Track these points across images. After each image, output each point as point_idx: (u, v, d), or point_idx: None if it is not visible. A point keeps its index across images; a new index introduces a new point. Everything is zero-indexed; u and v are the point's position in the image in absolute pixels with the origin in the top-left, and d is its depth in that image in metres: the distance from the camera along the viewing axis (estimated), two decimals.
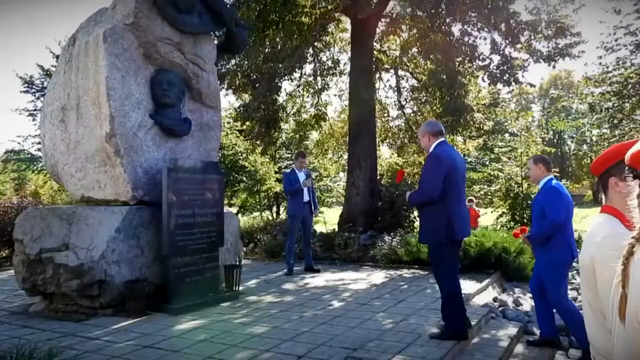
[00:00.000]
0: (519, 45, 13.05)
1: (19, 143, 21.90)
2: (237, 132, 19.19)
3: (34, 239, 5.68)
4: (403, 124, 18.85)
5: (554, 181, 4.84)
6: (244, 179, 19.59)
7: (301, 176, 8.51)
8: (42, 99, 19.88)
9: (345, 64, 17.14)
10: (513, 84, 13.36)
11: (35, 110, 21.23)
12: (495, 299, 6.79)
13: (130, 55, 5.99)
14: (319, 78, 17.10)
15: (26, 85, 21.35)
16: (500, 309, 6.32)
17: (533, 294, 5.09)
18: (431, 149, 4.59)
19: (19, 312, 5.84)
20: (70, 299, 5.52)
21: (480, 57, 13.30)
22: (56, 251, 5.50)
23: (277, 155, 24.91)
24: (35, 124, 20.83)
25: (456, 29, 13.31)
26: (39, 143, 19.98)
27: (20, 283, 5.74)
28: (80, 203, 6.35)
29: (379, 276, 8.10)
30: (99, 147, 5.90)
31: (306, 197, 8.54)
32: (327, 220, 17.91)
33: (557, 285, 4.67)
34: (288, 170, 9.19)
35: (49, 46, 47.79)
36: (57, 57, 18.60)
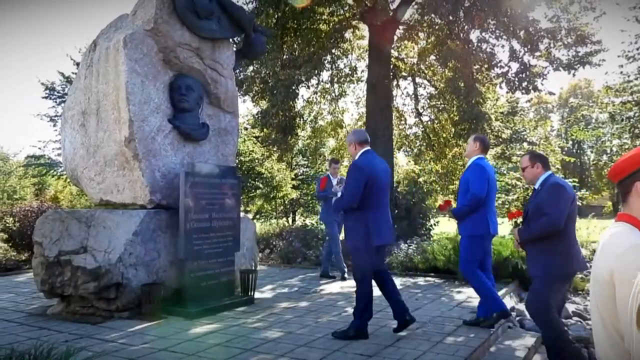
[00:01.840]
0: (538, 53, 12.93)
1: (39, 148, 22.26)
2: (254, 139, 19.28)
3: (53, 242, 5.75)
4: (420, 132, 18.78)
5: (483, 160, 5.21)
6: (260, 185, 19.65)
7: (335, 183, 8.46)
8: (62, 104, 20.21)
9: (362, 71, 17.16)
10: (532, 91, 13.23)
11: (55, 115, 21.53)
12: (512, 309, 6.68)
13: (149, 61, 6.06)
14: (336, 85, 17.15)
15: (47, 91, 21.66)
16: (517, 318, 6.23)
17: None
18: (356, 158, 4.91)
19: (37, 314, 5.90)
20: (88, 301, 5.57)
21: (499, 65, 13.20)
22: (74, 254, 5.56)
23: (294, 162, 24.97)
24: (55, 130, 21.09)
25: (474, 36, 13.26)
26: (59, 148, 20.28)
27: (39, 285, 5.80)
28: (99, 206, 6.42)
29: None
30: (118, 151, 5.97)
31: None
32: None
33: (471, 254, 5.10)
34: (322, 176, 9.19)
35: (69, 53, 48.47)
36: (78, 64, 18.88)
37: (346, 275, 8.47)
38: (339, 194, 8.33)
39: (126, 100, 5.78)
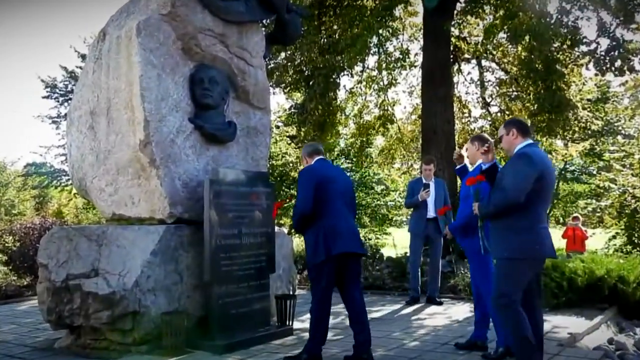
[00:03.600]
0: (634, 26, 12.59)
1: (40, 155, 22.99)
2: (288, 139, 19.39)
3: (60, 264, 5.91)
4: (488, 125, 18.53)
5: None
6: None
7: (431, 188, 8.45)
8: (66, 104, 20.87)
9: (416, 54, 17.10)
10: (627, 73, 12.88)
11: (58, 117, 22.20)
12: (610, 341, 6.51)
13: (166, 50, 6.19)
14: (384, 72, 17.11)
15: (48, 89, 22.35)
16: (617, 352, 6.06)
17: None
18: None
19: (43, 348, 6.09)
20: (100, 333, 5.69)
21: (584, 41, 12.92)
22: (85, 277, 5.69)
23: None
24: (58, 133, 21.76)
25: (552, 6, 13.01)
26: (63, 154, 20.93)
27: (45, 314, 5.96)
28: (111, 222, 6.57)
29: (461, 310, 7.95)
30: (132, 157, 6.11)
31: (431, 213, 8.47)
32: (397, 242, 17.77)
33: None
34: (413, 179, 9.24)
35: (73, 45, 50.00)
36: (83, 56, 19.45)
37: (416, 301, 8.54)
38: (431, 204, 8.41)
39: (140, 97, 5.90)
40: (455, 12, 14.69)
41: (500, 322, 4.41)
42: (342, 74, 15.28)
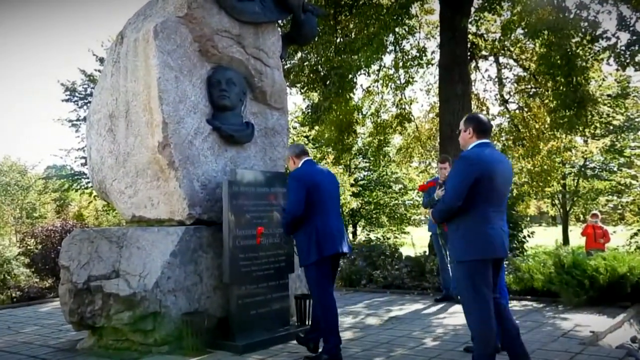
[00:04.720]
0: None
1: (61, 157, 23.21)
2: (305, 139, 19.44)
3: (82, 265, 5.99)
4: (506, 123, 18.41)
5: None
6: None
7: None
8: (85, 107, 21.04)
9: (433, 52, 16.99)
10: None
11: (78, 120, 22.39)
12: (633, 339, 6.43)
13: (184, 52, 6.23)
14: (401, 70, 17.04)
15: (68, 92, 22.54)
16: None
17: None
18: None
19: (66, 348, 6.18)
20: (122, 333, 5.77)
21: (604, 36, 12.78)
22: (105, 279, 5.77)
23: (353, 165, 25.03)
24: (78, 136, 21.93)
25: (571, 1, 12.89)
26: (83, 157, 21.13)
27: (67, 316, 6.04)
28: (131, 223, 6.63)
29: None
30: (150, 159, 6.16)
31: None
32: (416, 241, 17.73)
33: None
34: (430, 179, 9.26)
35: (91, 48, 50.52)
36: (101, 59, 19.60)
37: (446, 298, 8.57)
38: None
39: (158, 99, 5.95)
40: (472, 8, 14.62)
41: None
42: (358, 73, 15.23)
